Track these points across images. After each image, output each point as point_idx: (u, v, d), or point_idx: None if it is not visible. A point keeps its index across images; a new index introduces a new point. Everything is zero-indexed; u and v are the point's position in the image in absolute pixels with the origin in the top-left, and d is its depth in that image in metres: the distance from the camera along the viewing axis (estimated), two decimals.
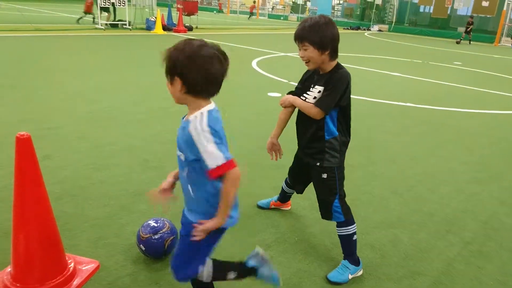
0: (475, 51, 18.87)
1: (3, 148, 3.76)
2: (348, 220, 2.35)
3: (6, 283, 1.96)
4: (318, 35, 2.08)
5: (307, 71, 2.39)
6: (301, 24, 2.16)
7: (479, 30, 26.93)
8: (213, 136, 1.49)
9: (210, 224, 1.64)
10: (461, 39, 22.44)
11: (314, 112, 2.18)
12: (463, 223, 3.11)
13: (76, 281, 2.07)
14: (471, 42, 22.47)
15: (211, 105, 1.60)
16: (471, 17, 22.72)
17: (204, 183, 1.61)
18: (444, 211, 3.27)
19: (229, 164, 1.52)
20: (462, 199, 3.52)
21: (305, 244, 2.68)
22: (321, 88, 2.20)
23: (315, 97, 2.21)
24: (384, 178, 3.82)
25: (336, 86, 2.14)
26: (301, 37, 2.13)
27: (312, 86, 2.26)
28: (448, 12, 27.85)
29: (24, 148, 1.78)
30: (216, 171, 1.51)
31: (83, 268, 2.19)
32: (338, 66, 2.21)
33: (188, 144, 1.53)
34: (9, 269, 2.02)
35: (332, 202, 2.32)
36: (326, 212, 2.37)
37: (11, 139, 1.93)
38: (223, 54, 1.53)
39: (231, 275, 1.88)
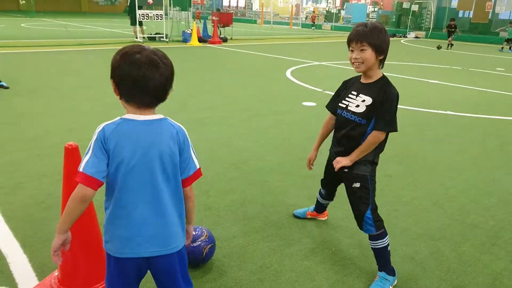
0: None
1: (50, 157, 3.95)
2: (381, 233, 2.29)
3: (54, 287, 2.05)
4: (379, 38, 2.08)
5: (347, 81, 2.38)
6: (360, 26, 2.13)
7: None
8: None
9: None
10: (449, 44, 20.11)
11: (382, 137, 2.18)
12: (510, 235, 2.96)
13: None
14: (451, 47, 19.99)
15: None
16: (453, 19, 20.90)
17: None
18: (489, 223, 3.13)
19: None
20: (508, 210, 3.36)
21: (343, 255, 2.64)
22: (366, 98, 2.17)
23: (358, 105, 2.20)
24: (424, 189, 3.71)
25: (391, 102, 2.13)
26: (362, 37, 2.09)
27: (355, 94, 2.24)
28: (489, 16, 26.85)
29: (72, 157, 1.87)
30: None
31: None
32: (385, 77, 2.20)
33: None
34: (56, 273, 2.12)
35: (364, 213, 2.28)
36: (359, 223, 2.34)
37: (57, 148, 2.03)
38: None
39: None
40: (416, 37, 28.31)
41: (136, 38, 15.60)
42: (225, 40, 17.51)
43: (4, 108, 5.71)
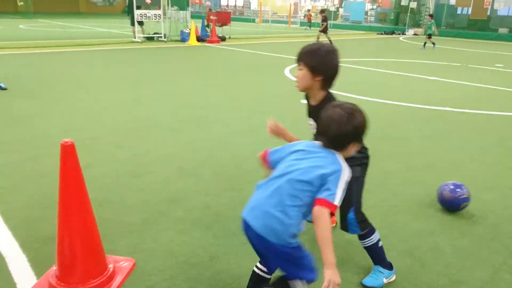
0: None
1: (48, 157, 3.95)
2: (366, 232, 2.28)
3: (52, 283, 2.06)
4: (315, 59, 2.09)
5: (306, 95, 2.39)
6: (305, 47, 2.18)
7: None
8: None
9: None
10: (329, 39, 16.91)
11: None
12: (508, 230, 2.97)
13: (116, 281, 2.17)
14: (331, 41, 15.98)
15: None
16: (323, 11, 18.38)
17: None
18: (488, 218, 3.13)
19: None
20: (507, 205, 3.36)
21: (341, 251, 2.64)
22: (312, 123, 2.25)
23: (311, 125, 2.30)
24: (423, 185, 3.71)
25: None
26: (299, 57, 2.17)
27: (308, 115, 2.33)
28: (488, 13, 26.85)
29: (68, 155, 1.87)
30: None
31: (122, 266, 2.31)
32: (327, 98, 2.16)
33: None
34: (54, 270, 2.12)
35: (347, 214, 2.26)
36: (342, 224, 2.33)
37: (55, 149, 2.03)
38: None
39: None
40: (415, 34, 28.27)
41: (135, 38, 15.60)
42: (223, 39, 17.50)
43: (2, 109, 5.71)
